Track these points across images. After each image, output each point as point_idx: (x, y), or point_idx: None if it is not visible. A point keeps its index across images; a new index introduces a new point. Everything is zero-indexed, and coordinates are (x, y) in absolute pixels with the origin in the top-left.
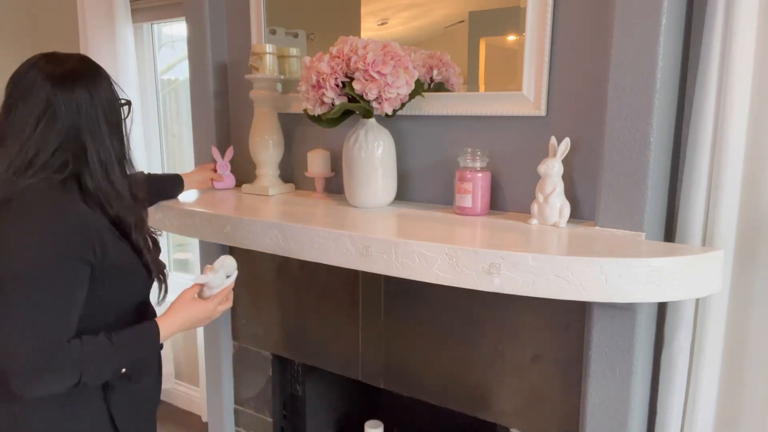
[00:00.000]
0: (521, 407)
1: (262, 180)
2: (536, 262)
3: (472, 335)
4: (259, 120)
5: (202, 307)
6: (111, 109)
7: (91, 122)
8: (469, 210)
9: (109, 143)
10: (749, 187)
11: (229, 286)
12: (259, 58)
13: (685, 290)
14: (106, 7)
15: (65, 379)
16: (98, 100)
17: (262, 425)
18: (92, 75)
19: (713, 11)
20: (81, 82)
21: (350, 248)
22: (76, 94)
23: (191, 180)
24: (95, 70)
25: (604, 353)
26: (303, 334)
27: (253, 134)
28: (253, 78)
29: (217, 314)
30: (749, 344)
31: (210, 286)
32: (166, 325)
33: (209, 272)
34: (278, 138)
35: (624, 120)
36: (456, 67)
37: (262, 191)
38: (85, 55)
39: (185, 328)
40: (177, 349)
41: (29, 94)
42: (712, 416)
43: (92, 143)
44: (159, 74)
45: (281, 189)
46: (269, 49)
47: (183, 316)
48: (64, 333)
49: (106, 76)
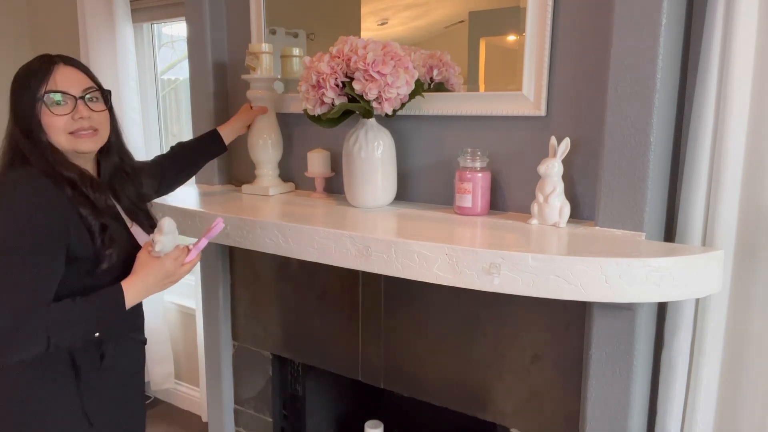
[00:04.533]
0: (521, 407)
1: (262, 180)
2: (536, 262)
3: (472, 335)
4: (258, 120)
5: (159, 264)
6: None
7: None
8: (469, 210)
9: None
10: (749, 187)
11: (178, 246)
12: (255, 58)
13: (685, 290)
14: (106, 7)
15: (33, 344)
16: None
17: (262, 425)
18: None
19: (713, 11)
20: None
21: (350, 248)
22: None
23: (231, 130)
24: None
25: (604, 353)
26: (303, 334)
27: (252, 135)
28: (249, 78)
29: (184, 272)
30: (749, 344)
31: (164, 250)
32: (130, 285)
33: (159, 236)
34: (277, 138)
35: (624, 120)
36: (456, 67)
37: (262, 191)
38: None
39: (150, 286)
40: (177, 349)
41: None
42: (712, 416)
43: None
44: (159, 74)
45: (282, 188)
46: (265, 48)
47: (143, 275)
48: (33, 303)
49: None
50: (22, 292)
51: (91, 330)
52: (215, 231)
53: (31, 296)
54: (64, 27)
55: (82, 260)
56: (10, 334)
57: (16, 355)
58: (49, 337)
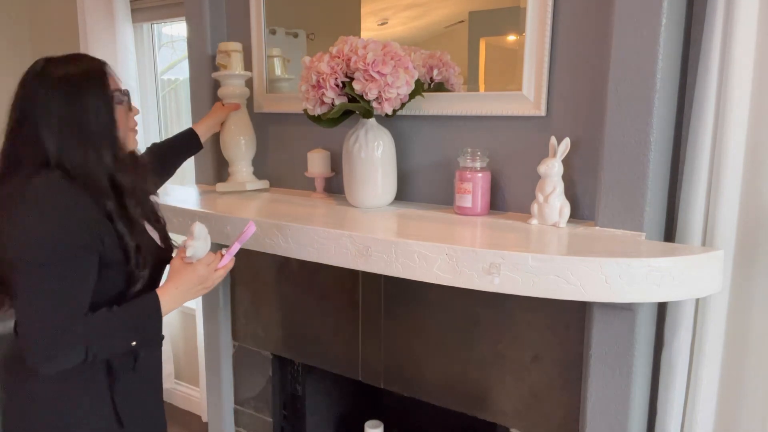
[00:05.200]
0: (521, 407)
1: (237, 176)
2: (536, 262)
3: (472, 335)
4: (230, 117)
5: (192, 270)
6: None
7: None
8: (469, 210)
9: (95, 139)
10: (749, 187)
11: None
12: (226, 56)
13: (685, 290)
14: (106, 7)
15: (74, 354)
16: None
17: (262, 425)
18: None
19: (713, 11)
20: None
21: (350, 248)
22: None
23: (206, 128)
24: (35, 67)
25: (604, 353)
26: (303, 334)
27: (225, 132)
28: (220, 75)
29: (217, 277)
30: (749, 344)
31: (196, 255)
32: (165, 293)
33: (191, 241)
34: (250, 135)
35: (624, 120)
36: (456, 67)
37: (239, 187)
38: (77, 54)
39: (185, 293)
40: (177, 349)
41: (25, 98)
42: (712, 416)
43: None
44: (159, 74)
45: (257, 185)
46: (236, 47)
47: (178, 282)
48: (72, 314)
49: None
50: (61, 302)
51: (129, 339)
52: (247, 235)
53: (69, 307)
54: (64, 27)
55: (114, 267)
56: (51, 346)
57: (57, 366)
58: (88, 348)
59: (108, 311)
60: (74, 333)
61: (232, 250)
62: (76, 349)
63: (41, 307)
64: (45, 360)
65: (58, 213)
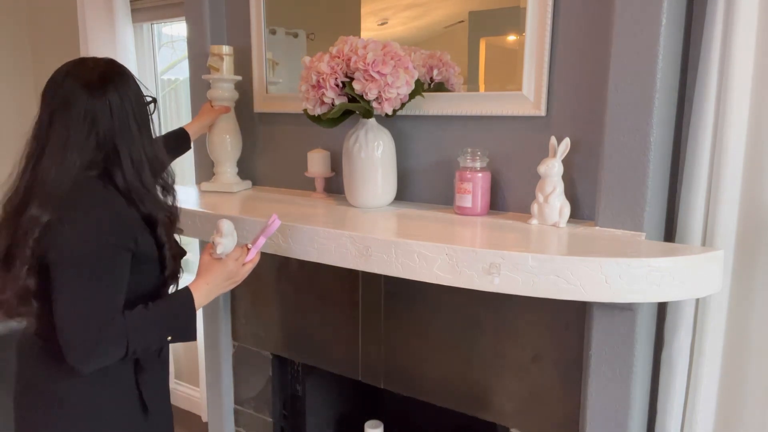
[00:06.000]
0: (521, 407)
1: (222, 177)
2: (536, 262)
3: (471, 335)
4: (219, 119)
5: (221, 265)
6: (139, 109)
7: (124, 124)
8: (469, 210)
9: (140, 143)
10: (749, 187)
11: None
12: (219, 59)
13: (685, 290)
14: (106, 7)
15: (115, 351)
16: (128, 101)
17: (262, 425)
18: (121, 77)
19: (713, 11)
20: (112, 86)
21: (350, 248)
22: (108, 98)
23: (198, 128)
24: (122, 73)
25: (604, 353)
26: (303, 334)
27: (212, 133)
28: (211, 78)
29: (245, 272)
30: (749, 344)
31: (225, 251)
32: (196, 288)
33: (219, 238)
34: (236, 137)
35: (624, 120)
36: (456, 67)
37: (224, 188)
38: (111, 59)
39: (215, 288)
40: (177, 349)
41: (68, 104)
42: (712, 416)
43: (124, 144)
44: (159, 74)
45: (242, 186)
46: (227, 50)
47: (209, 277)
48: (111, 312)
49: (132, 77)
50: (101, 301)
51: (166, 335)
52: (273, 228)
53: (109, 305)
54: (64, 27)
55: (146, 265)
56: (93, 344)
57: (98, 363)
58: (128, 344)
59: (144, 308)
60: (115, 330)
61: (258, 243)
62: (118, 345)
63: (83, 307)
64: (87, 358)
65: (96, 214)
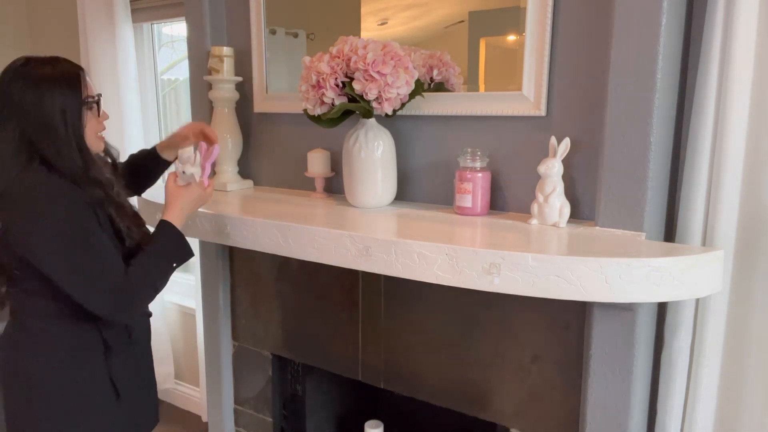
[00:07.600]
0: (521, 407)
1: (221, 176)
2: (536, 262)
3: (471, 335)
4: (220, 120)
5: (189, 191)
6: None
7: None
8: (469, 210)
9: (63, 138)
10: (749, 187)
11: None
12: (219, 61)
13: (685, 290)
14: (106, 7)
15: (146, 295)
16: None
17: (262, 425)
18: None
19: (713, 11)
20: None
21: (350, 248)
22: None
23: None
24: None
25: (604, 353)
26: (303, 334)
27: None
28: (212, 79)
29: (209, 193)
30: (749, 344)
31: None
32: (172, 214)
33: (188, 166)
34: (237, 137)
35: (624, 120)
36: (456, 67)
37: (221, 187)
38: (57, 57)
39: (186, 210)
40: (177, 349)
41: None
42: (712, 416)
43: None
44: (159, 74)
45: (241, 185)
46: (228, 52)
47: (179, 202)
48: (120, 266)
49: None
50: (105, 263)
51: (170, 263)
52: (215, 154)
53: (114, 264)
54: (64, 27)
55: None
56: (124, 294)
57: (136, 310)
58: (153, 284)
59: (141, 254)
60: (131, 279)
61: (207, 171)
62: (145, 287)
63: (92, 274)
64: (121, 310)
65: (62, 201)
